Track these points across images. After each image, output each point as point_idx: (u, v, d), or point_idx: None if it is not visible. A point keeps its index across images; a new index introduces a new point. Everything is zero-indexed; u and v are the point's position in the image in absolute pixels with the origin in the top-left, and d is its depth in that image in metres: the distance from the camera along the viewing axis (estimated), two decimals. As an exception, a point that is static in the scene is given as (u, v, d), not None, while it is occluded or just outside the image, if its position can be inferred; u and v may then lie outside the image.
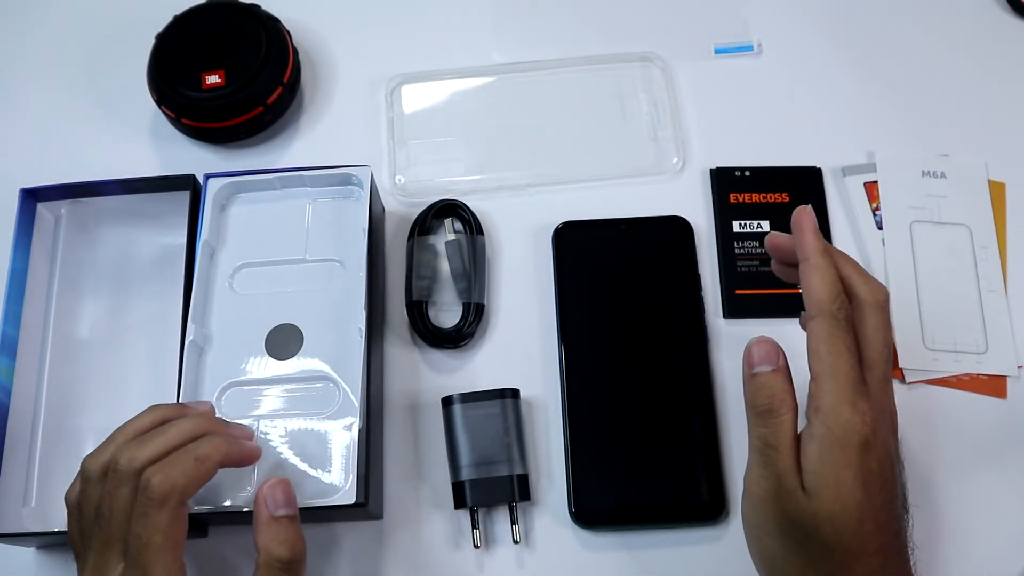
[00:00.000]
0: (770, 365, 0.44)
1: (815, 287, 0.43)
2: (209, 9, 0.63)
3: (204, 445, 0.44)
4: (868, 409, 0.42)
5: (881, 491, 0.42)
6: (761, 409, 0.44)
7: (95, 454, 0.44)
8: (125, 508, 0.42)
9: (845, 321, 0.43)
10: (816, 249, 0.44)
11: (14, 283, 0.55)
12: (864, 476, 0.41)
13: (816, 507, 0.41)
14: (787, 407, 0.43)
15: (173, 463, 0.42)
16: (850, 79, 0.66)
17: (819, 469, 0.41)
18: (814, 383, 0.43)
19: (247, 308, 0.55)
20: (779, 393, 0.43)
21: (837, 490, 0.41)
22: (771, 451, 0.43)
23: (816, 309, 0.43)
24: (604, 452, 0.54)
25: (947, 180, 0.62)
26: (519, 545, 0.53)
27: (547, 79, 0.66)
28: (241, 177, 0.57)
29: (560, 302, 0.58)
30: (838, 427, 0.41)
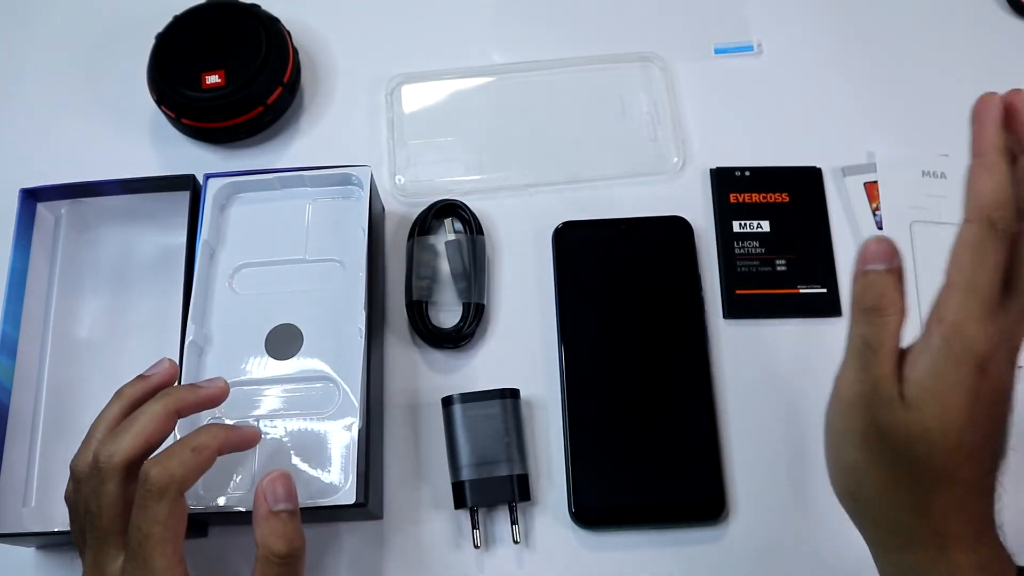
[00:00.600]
0: (884, 264, 0.40)
1: (980, 187, 0.38)
2: (209, 9, 0.63)
3: (201, 435, 0.44)
4: (996, 332, 0.38)
5: (988, 420, 0.39)
6: (868, 307, 0.40)
7: (78, 454, 0.45)
8: (113, 503, 0.42)
9: (1004, 232, 0.38)
10: (994, 146, 0.39)
11: (14, 283, 0.55)
12: (973, 399, 0.38)
13: (913, 420, 0.39)
14: (895, 309, 0.40)
15: (171, 454, 0.42)
16: (850, 79, 0.66)
17: (926, 382, 0.38)
18: (945, 291, 0.39)
19: (247, 308, 0.55)
20: (889, 293, 0.40)
21: (942, 407, 0.38)
22: (871, 353, 0.40)
23: (974, 211, 0.38)
24: (604, 452, 0.54)
25: (947, 180, 0.62)
26: (519, 545, 0.53)
27: (547, 79, 0.66)
28: (241, 177, 0.57)
29: (560, 302, 0.58)
30: (959, 343, 0.38)
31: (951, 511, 0.40)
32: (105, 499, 0.42)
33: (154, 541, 0.40)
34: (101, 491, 0.42)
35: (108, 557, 0.42)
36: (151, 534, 0.40)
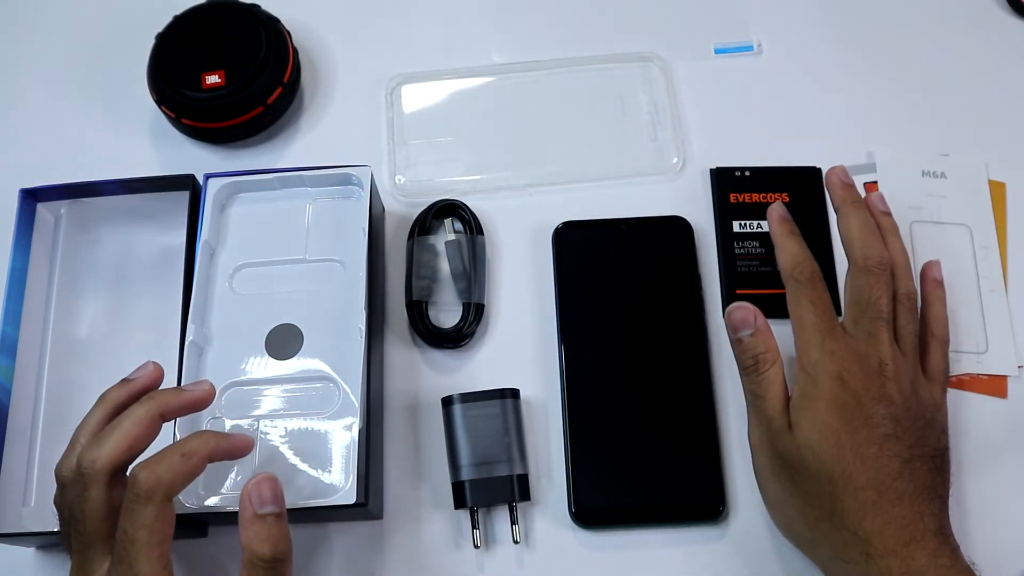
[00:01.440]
0: (750, 329, 0.49)
1: (779, 260, 0.51)
2: (209, 9, 0.63)
3: (192, 440, 0.44)
4: (838, 349, 0.47)
5: (865, 426, 0.45)
6: (748, 367, 0.49)
7: (63, 459, 0.45)
8: (97, 509, 0.42)
9: (808, 281, 0.49)
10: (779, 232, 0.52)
11: (14, 283, 0.55)
12: (839, 405, 0.46)
13: (799, 438, 0.46)
14: (770, 362, 0.48)
15: (159, 459, 0.42)
16: (850, 79, 0.66)
17: (797, 403, 0.47)
18: (794, 338, 0.49)
19: (247, 308, 0.55)
20: (761, 351, 0.49)
21: (813, 417, 0.46)
22: (760, 401, 0.48)
23: (783, 276, 0.50)
24: (604, 452, 0.54)
25: (947, 180, 0.62)
26: (519, 545, 0.53)
27: (547, 79, 0.66)
28: (241, 177, 0.57)
29: (560, 302, 0.58)
30: (809, 365, 0.47)
31: (864, 516, 0.44)
32: (89, 504, 0.42)
33: (139, 545, 0.40)
34: (85, 497, 0.42)
35: (94, 563, 0.42)
36: (136, 538, 0.40)
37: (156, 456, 0.42)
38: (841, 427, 0.45)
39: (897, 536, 0.43)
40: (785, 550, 0.52)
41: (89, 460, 0.42)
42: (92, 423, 0.45)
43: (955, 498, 0.54)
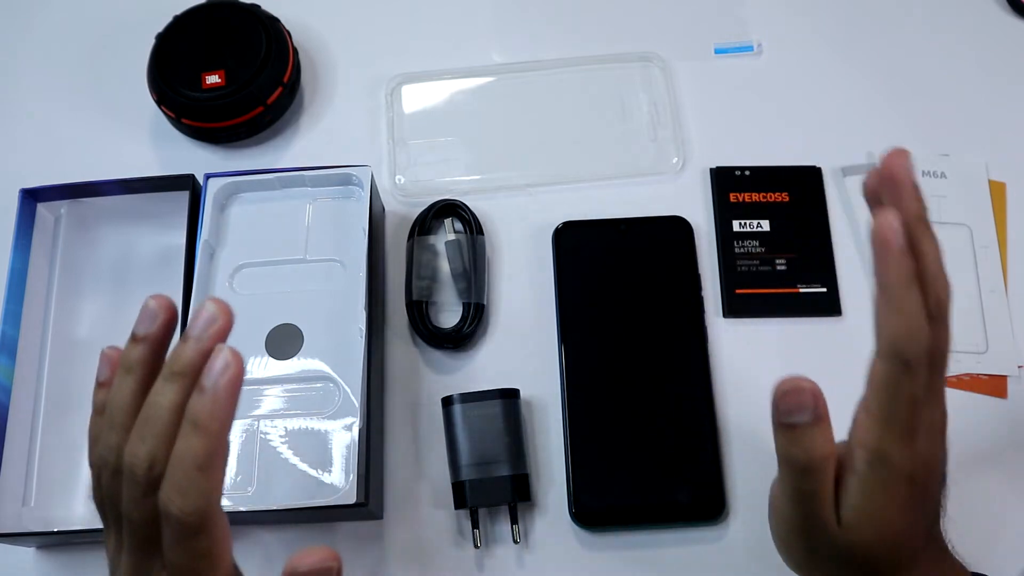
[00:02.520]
0: (807, 415, 0.38)
1: (892, 330, 0.36)
2: (209, 9, 0.63)
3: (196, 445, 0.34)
4: (921, 446, 0.38)
5: (921, 508, 0.40)
6: (799, 466, 0.39)
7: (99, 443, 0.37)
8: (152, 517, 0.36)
9: (919, 366, 0.37)
10: (900, 281, 0.36)
11: (14, 283, 0.55)
12: (907, 510, 0.39)
13: (853, 539, 0.39)
14: (828, 462, 0.39)
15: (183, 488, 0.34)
16: (850, 79, 0.66)
17: (860, 505, 0.38)
18: (865, 414, 0.38)
19: (247, 308, 0.55)
20: (819, 449, 0.38)
21: (878, 527, 0.39)
22: (806, 498, 0.39)
23: (888, 353, 0.37)
24: (604, 452, 0.54)
25: (947, 180, 0.62)
26: (519, 545, 0.53)
27: (547, 79, 0.66)
28: (241, 177, 0.57)
29: (560, 302, 0.58)
30: (885, 470, 0.38)
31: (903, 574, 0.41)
32: (145, 511, 0.35)
33: (205, 571, 0.35)
34: (142, 503, 0.35)
35: (152, 572, 0.37)
36: (196, 569, 0.35)
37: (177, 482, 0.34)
38: (904, 528, 0.39)
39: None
40: (785, 550, 0.52)
41: (142, 464, 0.35)
42: (124, 402, 0.37)
43: (955, 498, 0.54)
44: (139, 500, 0.35)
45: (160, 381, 0.35)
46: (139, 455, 0.34)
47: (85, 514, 0.52)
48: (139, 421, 0.35)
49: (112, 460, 0.36)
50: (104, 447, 0.37)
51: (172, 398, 0.35)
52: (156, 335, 0.37)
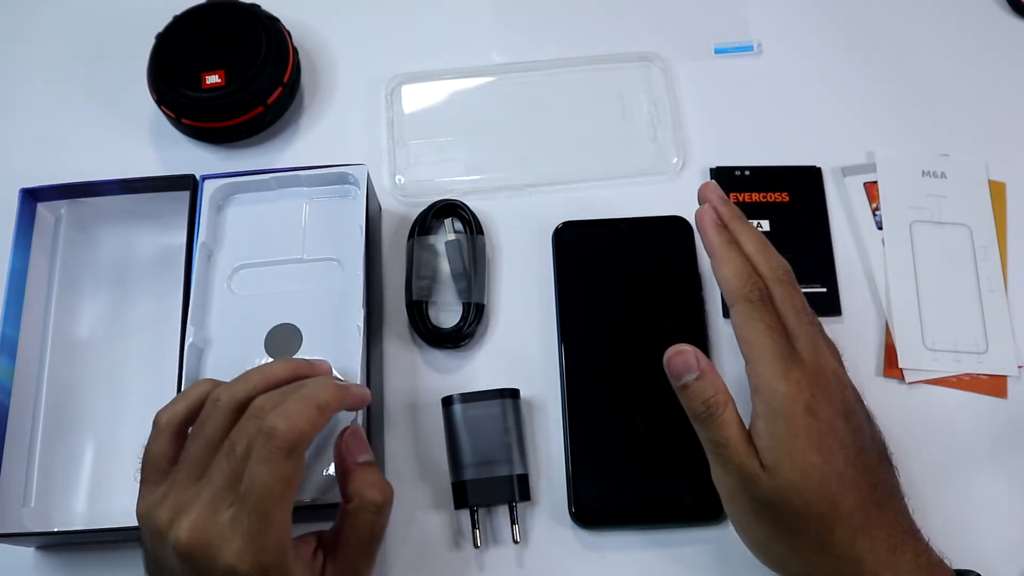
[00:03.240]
0: (693, 373, 0.46)
1: (725, 277, 0.46)
2: (209, 9, 0.63)
3: (321, 390, 0.43)
4: (801, 376, 0.44)
5: (841, 450, 0.43)
6: (700, 415, 0.46)
7: (231, 388, 0.44)
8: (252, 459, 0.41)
9: (760, 301, 0.45)
10: (719, 242, 0.48)
11: (14, 283, 0.55)
12: (816, 439, 0.43)
13: (779, 482, 0.43)
14: (722, 405, 0.45)
15: (298, 411, 0.41)
16: (850, 79, 0.66)
17: (770, 445, 0.43)
18: (747, 365, 0.45)
19: (246, 309, 0.55)
20: (710, 395, 0.45)
21: (792, 459, 0.43)
22: (722, 448, 0.45)
23: (732, 297, 0.46)
24: (604, 452, 0.54)
25: (947, 180, 0.62)
26: (519, 545, 0.53)
27: (547, 79, 0.66)
28: (237, 178, 0.57)
29: (560, 302, 0.58)
30: (776, 401, 0.43)
31: (855, 539, 0.43)
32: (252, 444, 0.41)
33: (276, 497, 0.40)
34: (253, 434, 0.41)
35: (224, 504, 0.41)
36: (274, 490, 0.40)
37: (293, 407, 0.41)
38: (821, 461, 0.43)
39: (885, 548, 0.42)
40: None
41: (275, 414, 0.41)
42: (273, 374, 0.45)
43: (955, 498, 0.54)
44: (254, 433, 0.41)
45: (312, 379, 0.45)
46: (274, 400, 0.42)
47: (85, 514, 0.52)
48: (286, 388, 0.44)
49: (225, 399, 0.43)
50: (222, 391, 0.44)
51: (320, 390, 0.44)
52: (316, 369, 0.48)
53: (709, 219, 0.48)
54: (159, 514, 0.41)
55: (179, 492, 0.42)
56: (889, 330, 0.57)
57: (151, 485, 0.43)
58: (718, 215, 0.48)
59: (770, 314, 0.45)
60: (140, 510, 0.43)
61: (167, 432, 0.45)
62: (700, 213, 0.49)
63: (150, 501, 0.43)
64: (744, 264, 0.47)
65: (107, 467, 0.53)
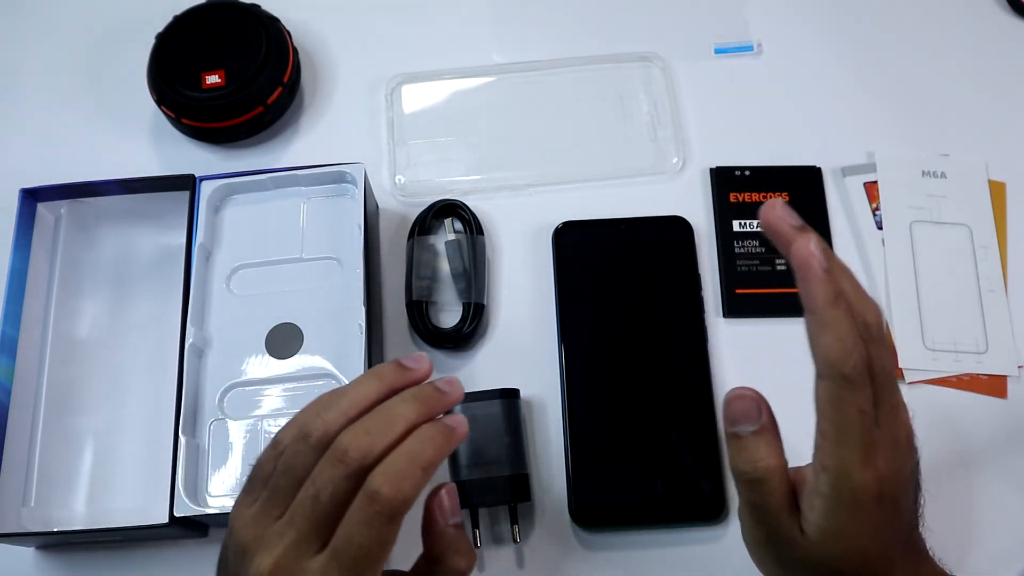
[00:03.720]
0: (752, 424, 0.40)
1: (825, 348, 0.37)
2: (209, 9, 0.63)
3: (428, 449, 0.39)
4: (881, 463, 0.38)
5: (891, 525, 0.39)
6: (746, 476, 0.40)
7: (324, 420, 0.40)
8: (341, 500, 0.38)
9: (859, 379, 0.37)
10: (827, 299, 0.37)
11: (14, 283, 0.55)
12: (874, 527, 0.39)
13: (817, 554, 0.39)
14: (774, 472, 0.40)
15: (403, 475, 0.38)
16: (850, 79, 0.66)
17: (824, 525, 0.39)
18: (821, 438, 0.38)
19: (246, 309, 0.55)
20: (764, 459, 0.40)
21: (841, 542, 0.39)
22: (761, 513, 0.41)
23: (828, 370, 0.37)
24: (604, 452, 0.54)
25: (947, 180, 0.62)
26: (519, 545, 0.53)
27: (547, 79, 0.66)
28: (234, 179, 0.57)
29: (560, 302, 0.58)
30: (847, 490, 0.38)
31: None
32: (338, 492, 0.38)
33: (372, 559, 0.38)
34: (338, 483, 0.38)
35: (310, 550, 0.38)
36: (371, 553, 0.38)
37: (399, 470, 0.38)
38: (872, 546, 0.39)
39: None
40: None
41: (359, 451, 0.38)
42: (361, 398, 0.40)
43: (955, 498, 0.54)
44: (338, 480, 0.38)
45: (400, 398, 0.40)
46: (359, 444, 0.38)
47: (85, 514, 0.52)
48: (369, 420, 0.39)
49: (316, 434, 0.39)
50: (313, 420, 0.39)
51: (409, 415, 0.39)
52: (411, 377, 0.42)
53: (816, 266, 0.38)
54: (247, 532, 0.39)
55: (264, 518, 0.39)
56: (889, 330, 0.57)
57: (248, 493, 0.41)
58: (821, 257, 0.38)
59: (866, 393, 0.37)
60: (234, 511, 0.41)
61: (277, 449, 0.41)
62: (802, 255, 0.39)
63: (243, 509, 0.41)
64: (851, 331, 0.37)
65: (107, 467, 0.53)
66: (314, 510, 0.38)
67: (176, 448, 0.50)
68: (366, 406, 0.40)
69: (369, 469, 0.38)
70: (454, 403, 0.42)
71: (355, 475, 0.38)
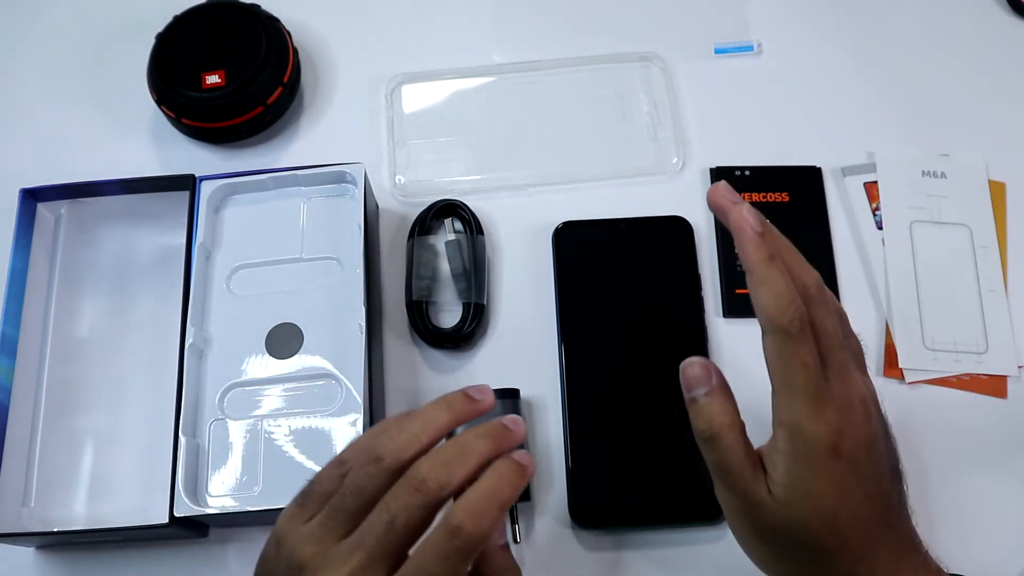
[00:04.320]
0: (704, 388, 0.43)
1: (763, 301, 0.40)
2: (209, 9, 0.63)
3: (506, 488, 0.39)
4: (831, 415, 0.40)
5: (858, 487, 0.41)
6: (704, 436, 0.42)
7: (397, 444, 0.40)
8: (416, 528, 0.39)
9: (799, 332, 0.40)
10: (759, 259, 0.41)
11: (14, 283, 0.55)
12: (836, 482, 0.40)
13: (786, 515, 0.41)
14: (727, 429, 0.42)
15: (484, 512, 0.38)
16: (850, 79, 0.66)
17: (787, 482, 0.41)
18: (774, 395, 0.41)
19: (246, 309, 0.55)
20: (717, 416, 0.42)
21: (806, 499, 0.40)
22: (725, 473, 0.42)
23: (768, 324, 0.40)
24: (604, 452, 0.54)
25: (947, 180, 0.62)
26: (519, 545, 0.53)
27: (547, 79, 0.66)
28: (234, 179, 0.57)
29: (560, 302, 0.58)
30: (800, 442, 0.40)
31: (857, 564, 0.42)
32: (413, 520, 0.38)
33: None
34: (414, 512, 0.38)
35: (379, 573, 0.38)
36: None
37: (482, 507, 0.38)
38: (838, 503, 0.40)
39: (887, 569, 0.42)
40: (785, 550, 0.52)
41: (437, 482, 0.38)
42: (436, 426, 0.41)
43: (955, 498, 0.54)
44: (414, 508, 0.38)
45: (474, 433, 0.40)
46: (437, 475, 0.38)
47: (85, 514, 0.52)
48: (446, 451, 0.40)
49: (388, 458, 0.39)
50: (384, 443, 0.40)
51: (483, 450, 0.40)
52: (479, 408, 0.42)
53: (748, 229, 0.41)
54: (305, 548, 0.39)
55: (325, 536, 0.39)
56: (889, 330, 0.57)
57: (303, 507, 0.40)
58: (754, 221, 0.41)
59: (808, 346, 0.40)
60: (283, 524, 0.40)
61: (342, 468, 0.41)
62: (736, 220, 0.41)
63: (296, 523, 0.40)
64: (787, 286, 0.40)
65: (107, 467, 0.53)
66: (387, 535, 0.38)
67: (176, 448, 0.50)
68: (437, 435, 0.41)
69: (443, 500, 0.39)
70: (520, 442, 0.42)
71: (431, 505, 0.38)
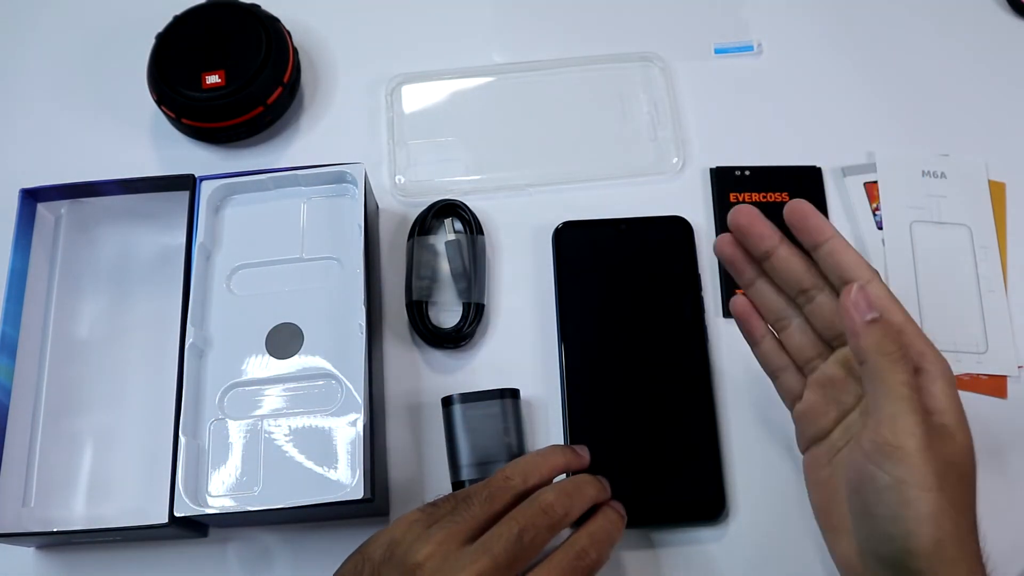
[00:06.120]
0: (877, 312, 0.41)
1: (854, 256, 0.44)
2: (209, 9, 0.63)
3: (615, 531, 0.46)
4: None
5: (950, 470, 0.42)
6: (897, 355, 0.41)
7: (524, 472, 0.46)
8: (538, 546, 0.43)
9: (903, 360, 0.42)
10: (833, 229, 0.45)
11: (14, 283, 0.55)
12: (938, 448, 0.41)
13: (962, 443, 0.42)
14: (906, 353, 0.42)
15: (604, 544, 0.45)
16: (850, 79, 0.66)
17: (951, 407, 0.42)
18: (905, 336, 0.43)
19: (246, 309, 0.55)
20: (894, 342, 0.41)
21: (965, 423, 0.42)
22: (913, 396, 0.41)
23: (868, 273, 0.44)
24: (604, 452, 0.54)
25: (947, 180, 0.62)
26: (519, 545, 0.53)
27: (547, 79, 0.66)
28: (234, 179, 0.57)
29: (560, 302, 0.58)
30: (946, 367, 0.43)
31: None
32: (538, 537, 0.43)
33: None
34: (540, 528, 0.43)
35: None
36: None
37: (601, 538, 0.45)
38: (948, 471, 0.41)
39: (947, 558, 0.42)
40: (785, 550, 0.52)
41: (562, 508, 0.44)
42: (552, 464, 0.47)
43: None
44: (541, 527, 0.43)
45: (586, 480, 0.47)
46: (562, 503, 0.44)
47: (85, 514, 0.52)
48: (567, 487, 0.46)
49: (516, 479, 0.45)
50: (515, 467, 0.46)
51: (594, 493, 0.47)
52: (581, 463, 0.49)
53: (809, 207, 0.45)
54: (421, 548, 0.42)
55: (447, 539, 0.43)
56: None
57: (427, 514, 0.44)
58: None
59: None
60: (401, 528, 0.44)
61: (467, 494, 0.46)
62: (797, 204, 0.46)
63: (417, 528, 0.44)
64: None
65: (107, 467, 0.53)
66: (514, 545, 0.42)
67: (176, 448, 0.50)
68: (553, 472, 0.47)
69: (563, 526, 0.44)
70: (608, 497, 0.48)
71: (554, 527, 0.44)
